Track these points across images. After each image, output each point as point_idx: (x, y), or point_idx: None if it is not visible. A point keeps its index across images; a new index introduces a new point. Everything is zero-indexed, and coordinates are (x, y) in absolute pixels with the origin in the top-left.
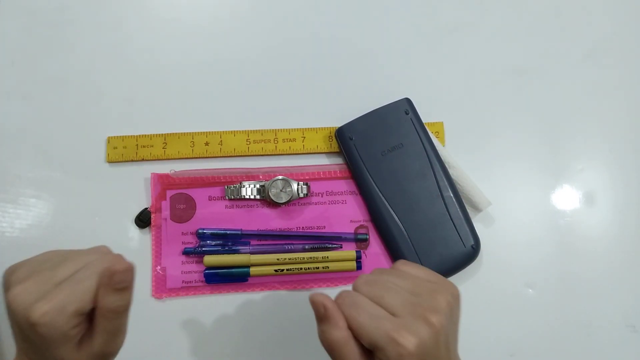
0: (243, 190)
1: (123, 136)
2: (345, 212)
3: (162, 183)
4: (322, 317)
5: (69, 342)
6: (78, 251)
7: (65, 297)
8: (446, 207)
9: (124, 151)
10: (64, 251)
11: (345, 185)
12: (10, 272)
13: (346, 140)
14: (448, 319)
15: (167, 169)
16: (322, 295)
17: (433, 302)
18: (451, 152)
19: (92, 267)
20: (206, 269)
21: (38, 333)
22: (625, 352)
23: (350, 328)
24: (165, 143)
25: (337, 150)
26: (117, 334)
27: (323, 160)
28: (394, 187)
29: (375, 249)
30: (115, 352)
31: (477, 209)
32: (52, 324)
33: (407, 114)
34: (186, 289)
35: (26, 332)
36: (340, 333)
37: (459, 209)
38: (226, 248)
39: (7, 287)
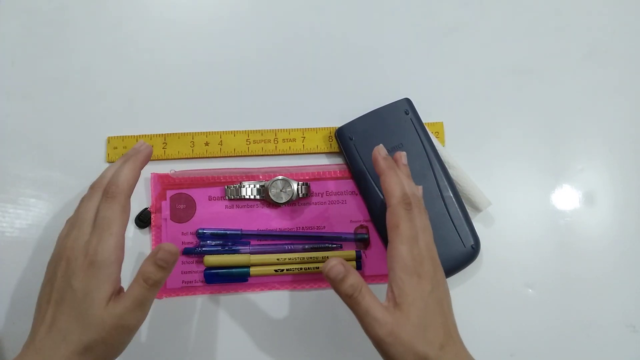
0: (243, 190)
1: (123, 136)
2: (345, 212)
3: (162, 183)
4: (345, 274)
5: (108, 285)
6: (80, 208)
7: (101, 233)
8: (446, 207)
9: (124, 151)
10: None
11: (345, 185)
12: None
13: (346, 140)
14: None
15: (167, 169)
16: (334, 259)
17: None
18: (451, 152)
19: (103, 213)
20: (206, 269)
21: (89, 273)
22: (625, 352)
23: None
24: (165, 143)
25: (337, 150)
26: (141, 305)
27: (323, 160)
28: None
29: (375, 249)
30: (133, 326)
31: (477, 209)
32: (101, 261)
33: (407, 114)
34: (186, 289)
35: (76, 273)
36: (358, 277)
37: (458, 209)
38: (226, 248)
39: (60, 249)
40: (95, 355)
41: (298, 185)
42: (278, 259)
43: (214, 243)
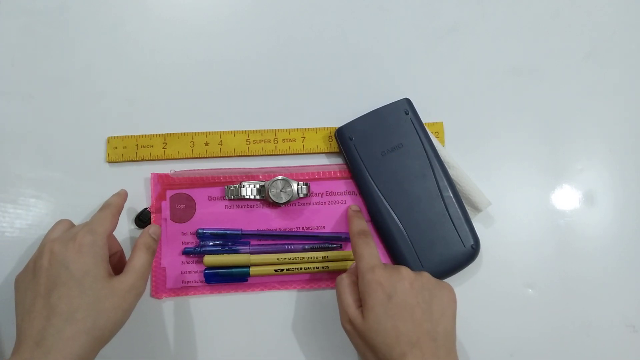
0: (243, 190)
1: (123, 136)
2: (345, 212)
3: (162, 183)
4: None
5: (104, 264)
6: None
7: (90, 227)
8: (446, 207)
9: (124, 151)
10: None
11: (345, 185)
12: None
13: (346, 140)
14: (428, 286)
15: (167, 169)
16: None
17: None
18: (451, 152)
19: (97, 216)
20: (206, 269)
21: (81, 253)
22: (625, 352)
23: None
24: (165, 143)
25: (337, 150)
26: (148, 269)
27: (323, 161)
28: (394, 187)
29: None
30: (143, 288)
31: (477, 209)
32: (91, 242)
33: (407, 114)
34: (186, 289)
35: (68, 256)
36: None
37: (458, 209)
38: (226, 248)
39: (41, 248)
40: (101, 331)
41: (298, 185)
42: (278, 259)
43: (214, 243)
